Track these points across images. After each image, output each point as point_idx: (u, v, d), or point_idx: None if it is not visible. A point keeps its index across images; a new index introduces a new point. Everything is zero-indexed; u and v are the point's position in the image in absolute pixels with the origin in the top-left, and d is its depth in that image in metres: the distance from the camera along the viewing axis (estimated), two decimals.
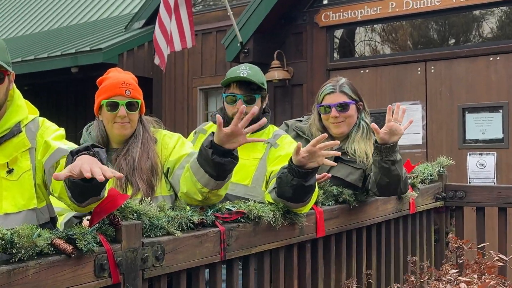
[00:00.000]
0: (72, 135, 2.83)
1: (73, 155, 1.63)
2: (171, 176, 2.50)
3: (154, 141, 2.55)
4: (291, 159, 2.35)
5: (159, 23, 7.27)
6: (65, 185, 1.71)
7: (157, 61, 7.53)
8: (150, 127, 2.60)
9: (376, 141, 2.74)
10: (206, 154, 2.10)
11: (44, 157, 1.92)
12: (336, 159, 3.02)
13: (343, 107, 3.10)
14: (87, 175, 1.46)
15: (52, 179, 1.80)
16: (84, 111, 9.74)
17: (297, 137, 3.17)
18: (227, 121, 2.53)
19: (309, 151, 2.25)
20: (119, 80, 2.47)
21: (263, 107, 2.92)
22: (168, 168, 2.49)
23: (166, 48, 7.32)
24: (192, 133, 3.13)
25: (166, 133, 2.62)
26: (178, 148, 2.53)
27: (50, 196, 2.03)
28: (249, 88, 2.79)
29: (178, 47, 7.25)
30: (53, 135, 1.99)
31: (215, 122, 2.42)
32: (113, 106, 2.41)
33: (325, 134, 2.53)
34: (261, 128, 2.78)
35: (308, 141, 2.75)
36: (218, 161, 2.08)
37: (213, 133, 2.14)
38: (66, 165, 1.68)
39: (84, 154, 1.63)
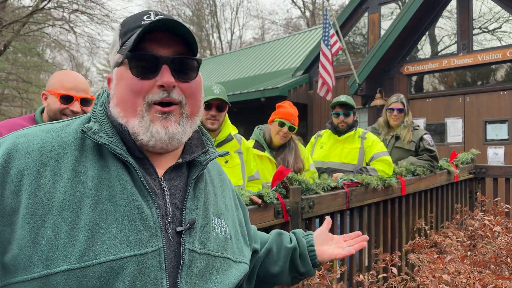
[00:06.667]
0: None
1: None
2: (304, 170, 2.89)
3: (299, 153, 2.92)
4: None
5: (322, 67, 7.69)
6: None
7: (322, 93, 7.97)
8: (296, 142, 2.96)
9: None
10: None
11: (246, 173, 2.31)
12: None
13: (400, 110, 3.60)
14: None
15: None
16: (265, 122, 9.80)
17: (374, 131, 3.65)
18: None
19: None
20: (290, 113, 2.81)
21: (355, 118, 3.32)
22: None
23: (330, 83, 7.76)
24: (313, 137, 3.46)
25: (302, 148, 2.96)
26: (307, 159, 2.99)
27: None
28: (345, 108, 3.25)
29: (331, 84, 7.87)
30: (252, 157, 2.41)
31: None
32: (283, 125, 2.78)
33: None
34: (354, 128, 3.24)
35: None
36: None
37: None
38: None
39: None
